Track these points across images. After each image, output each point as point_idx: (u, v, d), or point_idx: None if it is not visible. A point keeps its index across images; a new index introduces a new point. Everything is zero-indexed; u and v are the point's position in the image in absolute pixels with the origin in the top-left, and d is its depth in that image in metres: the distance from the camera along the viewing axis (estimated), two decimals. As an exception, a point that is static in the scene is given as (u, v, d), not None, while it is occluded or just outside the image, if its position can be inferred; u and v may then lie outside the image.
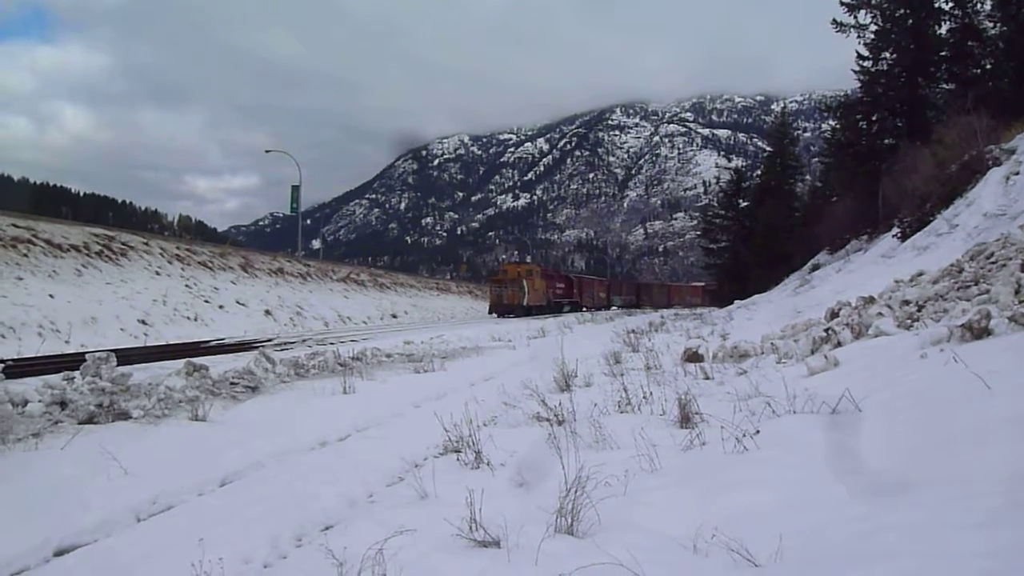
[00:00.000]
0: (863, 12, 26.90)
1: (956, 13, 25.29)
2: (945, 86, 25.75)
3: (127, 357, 9.94)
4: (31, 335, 14.54)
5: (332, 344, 14.84)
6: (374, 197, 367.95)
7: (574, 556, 2.80)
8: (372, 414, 6.95)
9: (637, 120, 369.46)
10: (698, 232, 63.00)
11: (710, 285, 63.09)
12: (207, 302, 22.52)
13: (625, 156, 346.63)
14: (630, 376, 8.02)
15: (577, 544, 3.04)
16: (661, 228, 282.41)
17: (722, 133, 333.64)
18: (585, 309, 46.18)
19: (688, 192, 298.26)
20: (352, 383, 8.41)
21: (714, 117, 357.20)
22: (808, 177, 43.77)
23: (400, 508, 3.93)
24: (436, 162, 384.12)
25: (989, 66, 24.50)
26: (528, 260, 50.01)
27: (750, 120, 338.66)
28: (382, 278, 44.24)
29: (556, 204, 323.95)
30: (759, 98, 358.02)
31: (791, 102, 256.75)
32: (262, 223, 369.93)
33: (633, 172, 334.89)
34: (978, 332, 5.24)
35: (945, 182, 16.51)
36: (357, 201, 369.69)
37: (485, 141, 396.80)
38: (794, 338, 8.81)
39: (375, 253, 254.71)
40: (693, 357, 9.43)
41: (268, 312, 24.39)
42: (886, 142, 26.30)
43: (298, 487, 4.46)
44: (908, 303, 7.64)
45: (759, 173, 49.25)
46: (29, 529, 3.64)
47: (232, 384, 7.95)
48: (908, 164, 19.32)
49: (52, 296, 16.98)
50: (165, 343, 16.19)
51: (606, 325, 22.84)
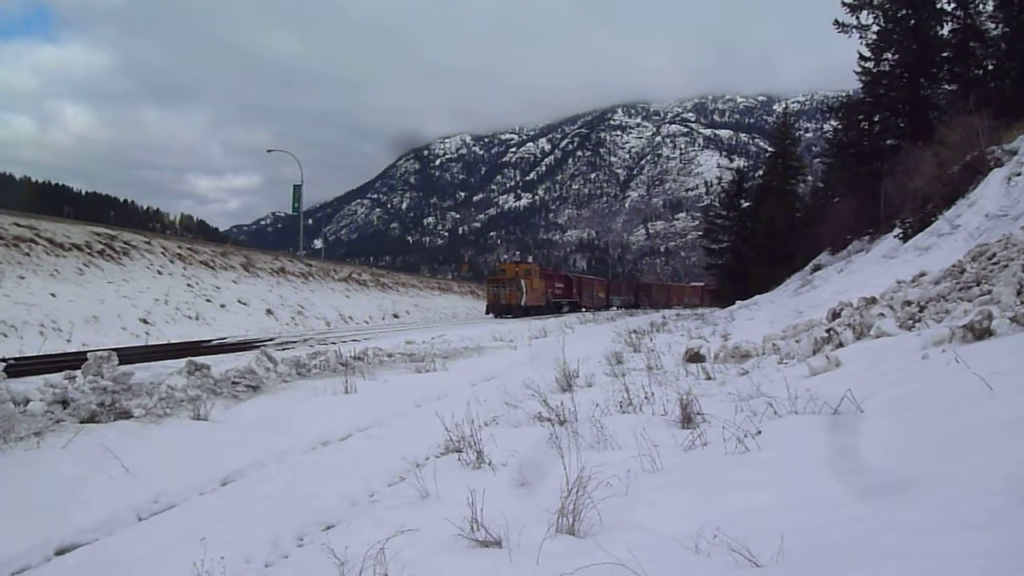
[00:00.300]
0: (865, 12, 26.92)
1: (958, 14, 25.26)
2: (947, 87, 25.74)
3: (129, 356, 9.95)
4: (33, 334, 14.56)
5: (334, 344, 14.86)
6: (376, 197, 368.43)
7: (575, 556, 2.80)
8: (373, 414, 6.95)
9: (639, 120, 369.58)
10: (700, 232, 63.08)
11: (709, 285, 63.07)
12: (209, 301, 22.54)
13: (627, 156, 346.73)
14: (632, 376, 8.02)
15: (578, 544, 3.04)
16: (663, 228, 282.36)
17: (724, 133, 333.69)
18: (584, 309, 45.69)
19: (690, 192, 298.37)
20: (354, 383, 8.40)
21: (716, 117, 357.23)
22: (810, 177, 43.69)
23: (401, 508, 3.93)
24: (438, 162, 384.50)
25: (991, 67, 24.50)
26: (530, 260, 49.68)
27: (752, 120, 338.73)
28: (384, 278, 44.24)
29: (558, 204, 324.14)
30: (761, 98, 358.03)
31: (793, 102, 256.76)
32: (264, 222, 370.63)
33: (635, 172, 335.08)
34: (980, 333, 5.24)
35: (947, 183, 16.50)
36: (359, 201, 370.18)
37: (487, 141, 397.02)
38: (796, 338, 8.81)
39: (377, 253, 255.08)
40: (695, 357, 9.44)
41: (270, 311, 24.40)
42: (888, 142, 26.30)
43: (299, 486, 4.47)
44: (910, 304, 7.64)
45: (761, 173, 49.21)
46: (30, 528, 3.65)
47: (234, 383, 7.95)
48: (910, 165, 19.30)
49: (54, 295, 17.01)
50: (167, 342, 16.21)
51: (607, 325, 22.83)
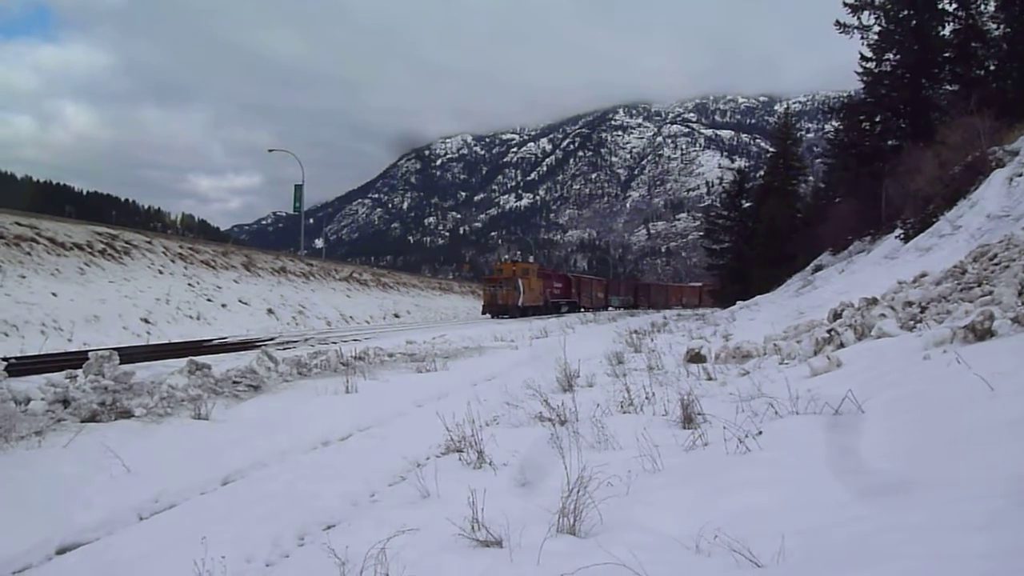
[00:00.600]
0: (866, 13, 26.86)
1: (960, 14, 25.20)
2: (948, 87, 25.68)
3: (130, 356, 9.95)
4: (34, 333, 14.58)
5: (334, 343, 14.87)
6: (377, 196, 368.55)
7: (576, 556, 2.80)
8: (374, 413, 6.96)
9: (640, 120, 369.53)
10: (701, 233, 63.08)
11: (707, 285, 63.11)
12: (210, 301, 22.55)
13: (628, 156, 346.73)
14: (632, 376, 8.02)
15: (579, 544, 3.04)
16: (664, 229, 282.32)
17: (725, 134, 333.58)
18: (583, 309, 45.22)
19: (691, 193, 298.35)
20: (354, 382, 8.41)
21: (717, 118, 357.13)
22: (811, 178, 43.66)
23: (402, 507, 3.93)
24: (439, 162, 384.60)
25: (993, 67, 24.45)
26: (531, 259, 49.43)
27: (753, 121, 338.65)
28: (385, 278, 44.26)
29: (559, 204, 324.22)
30: (762, 99, 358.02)
31: (794, 103, 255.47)
32: (265, 222, 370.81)
33: (636, 172, 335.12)
34: (981, 333, 5.23)
35: (948, 183, 16.47)
36: (360, 200, 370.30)
37: (488, 141, 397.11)
38: (797, 339, 8.81)
39: (378, 252, 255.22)
40: (696, 358, 9.44)
41: (271, 311, 24.41)
42: (889, 143, 26.25)
43: (300, 486, 4.47)
44: (911, 304, 7.63)
45: (762, 174, 49.18)
46: (31, 527, 3.65)
47: (234, 383, 7.96)
48: (911, 165, 19.28)
49: (55, 294, 17.02)
50: (168, 342, 16.21)
51: (608, 325, 22.82)
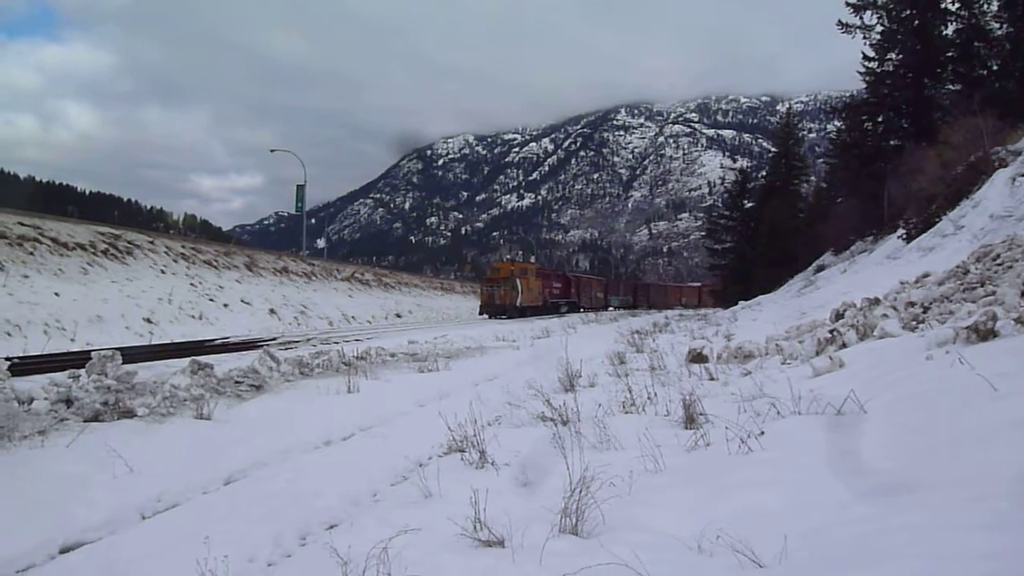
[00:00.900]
0: (869, 13, 26.84)
1: (962, 14, 25.16)
2: (951, 87, 25.63)
3: (132, 355, 9.94)
4: (37, 333, 14.60)
5: (336, 343, 14.86)
6: (379, 196, 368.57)
7: (579, 556, 2.80)
8: (376, 413, 6.96)
9: (642, 120, 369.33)
10: (703, 233, 63.04)
11: (707, 285, 63.10)
12: (212, 301, 22.57)
13: (630, 156, 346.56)
14: (634, 376, 8.01)
15: (582, 544, 3.04)
16: (665, 229, 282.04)
17: (727, 134, 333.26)
18: (582, 310, 44.65)
19: (693, 193, 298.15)
20: (356, 382, 8.40)
21: (719, 118, 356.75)
22: (813, 178, 43.67)
23: (404, 507, 3.94)
24: (441, 162, 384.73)
25: (996, 67, 24.40)
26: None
27: (755, 121, 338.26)
28: (386, 278, 44.28)
29: (560, 204, 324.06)
30: (764, 99, 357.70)
31: (796, 103, 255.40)
32: (267, 222, 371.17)
33: (638, 172, 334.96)
34: (984, 334, 5.22)
35: (951, 183, 16.45)
36: (362, 200, 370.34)
37: (490, 141, 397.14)
38: (799, 339, 8.80)
39: (379, 252, 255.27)
40: (697, 358, 9.42)
41: (273, 311, 24.43)
42: (892, 143, 26.21)
43: (302, 485, 4.47)
44: (913, 304, 7.61)
45: (764, 174, 49.15)
46: (34, 526, 3.66)
47: (237, 383, 7.96)
48: (914, 165, 19.26)
49: (58, 294, 17.05)
50: (170, 342, 16.22)
51: (610, 326, 22.81)
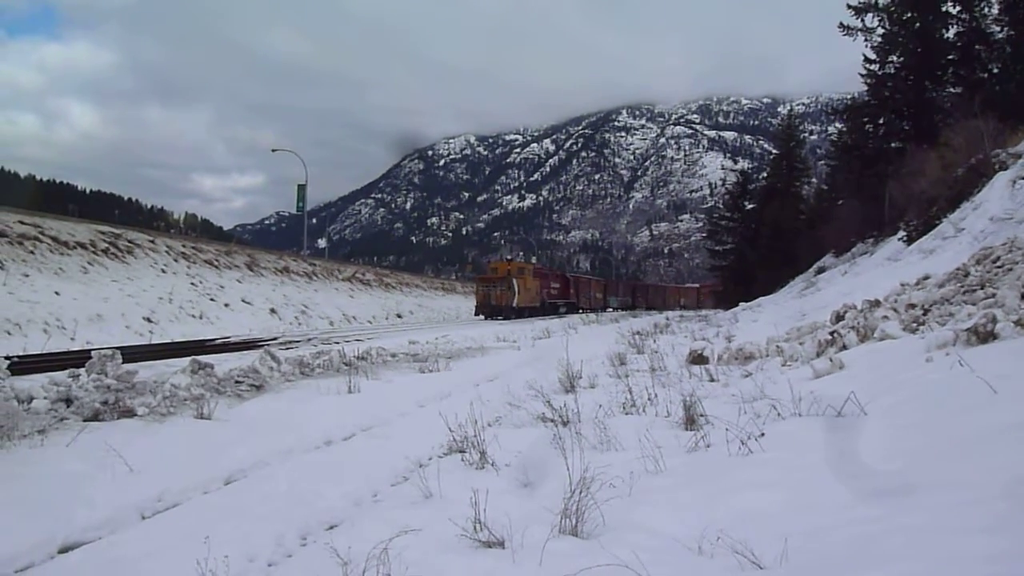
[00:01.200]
0: (870, 15, 26.84)
1: (963, 16, 25.16)
2: (952, 89, 25.63)
3: (132, 355, 9.96)
4: (37, 332, 14.60)
5: (337, 343, 14.87)
6: (380, 197, 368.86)
7: (579, 557, 2.80)
8: (377, 413, 6.96)
9: (643, 121, 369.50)
10: (704, 234, 63.09)
11: (704, 286, 63.18)
12: (212, 300, 22.58)
13: (631, 157, 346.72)
14: (635, 377, 8.01)
15: (582, 545, 3.04)
16: (666, 230, 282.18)
17: (728, 135, 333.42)
18: (581, 310, 44.20)
19: (694, 194, 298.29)
20: (357, 382, 8.41)
21: (720, 119, 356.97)
22: (814, 180, 43.71)
23: (405, 507, 3.94)
24: (442, 162, 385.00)
25: (996, 69, 24.38)
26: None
27: (756, 122, 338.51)
28: (387, 278, 44.30)
29: (562, 205, 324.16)
30: (766, 100, 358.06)
31: (798, 104, 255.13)
32: (268, 222, 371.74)
33: (639, 173, 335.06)
34: (984, 336, 5.22)
35: (951, 185, 16.45)
36: (363, 200, 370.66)
37: (491, 141, 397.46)
38: (799, 340, 8.80)
39: (380, 253, 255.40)
40: (698, 359, 9.43)
41: (273, 311, 24.43)
42: (893, 145, 26.21)
43: (303, 486, 4.47)
44: (914, 306, 7.61)
45: (765, 175, 49.23)
46: (34, 526, 3.66)
47: (237, 382, 7.96)
48: (914, 167, 19.26)
49: (58, 293, 17.06)
50: (170, 341, 16.23)
51: (610, 326, 22.81)
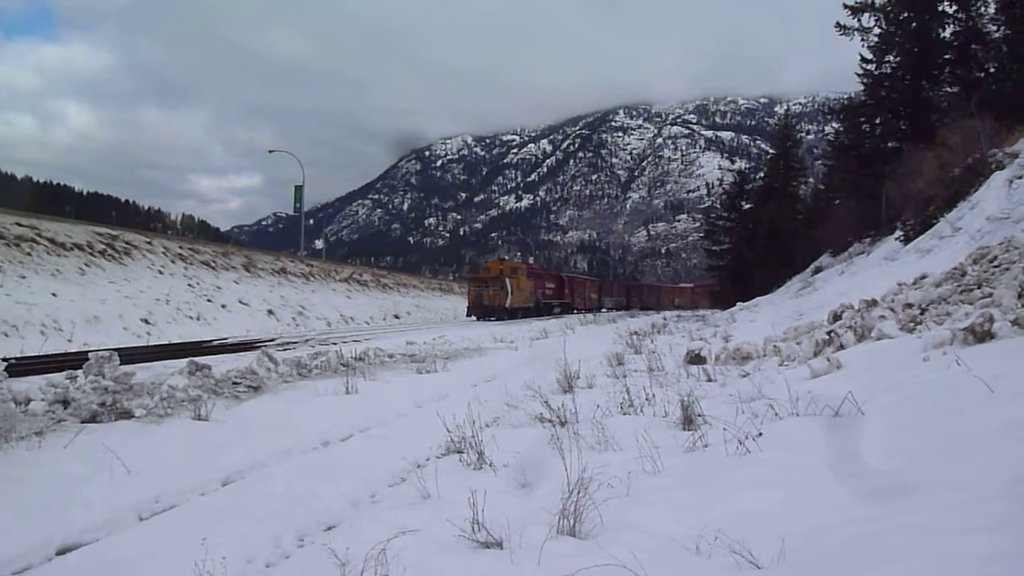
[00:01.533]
0: (866, 15, 26.85)
1: (960, 16, 25.21)
2: (949, 89, 25.65)
3: (130, 356, 9.95)
4: (34, 334, 14.58)
5: (335, 344, 14.85)
6: (377, 197, 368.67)
7: (577, 557, 2.80)
8: (375, 414, 6.95)
9: (640, 122, 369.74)
10: (701, 234, 63.17)
11: (699, 286, 63.20)
12: (210, 301, 22.55)
13: (628, 158, 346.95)
14: (632, 378, 8.01)
15: (580, 545, 3.04)
16: (664, 230, 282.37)
17: (725, 135, 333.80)
18: (577, 311, 43.70)
19: (691, 194, 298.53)
20: (355, 383, 8.40)
21: (717, 119, 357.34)
22: (811, 179, 43.74)
23: (403, 508, 3.93)
24: (439, 163, 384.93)
25: (993, 69, 24.44)
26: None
27: (753, 122, 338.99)
28: (385, 278, 44.27)
29: (559, 205, 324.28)
30: (763, 100, 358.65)
31: (795, 104, 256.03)
32: (265, 223, 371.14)
33: (636, 174, 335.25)
34: (981, 335, 5.23)
35: (948, 185, 16.47)
36: (360, 201, 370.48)
37: (488, 142, 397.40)
38: (797, 340, 8.81)
39: (378, 253, 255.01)
40: (695, 359, 9.43)
41: (271, 312, 24.41)
42: (889, 145, 26.24)
43: (301, 487, 4.46)
44: (911, 306, 7.62)
45: (762, 175, 49.26)
46: (31, 527, 3.65)
47: (235, 384, 7.95)
48: (911, 167, 19.28)
49: (55, 295, 17.03)
50: (168, 342, 16.22)
51: (608, 327, 22.81)
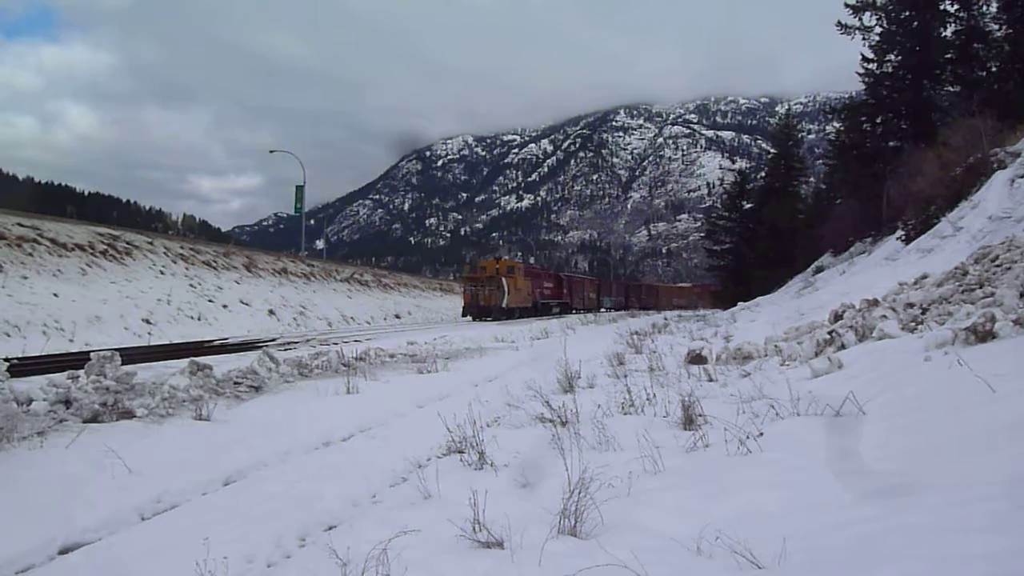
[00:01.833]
0: (868, 14, 26.81)
1: (961, 15, 25.18)
2: (950, 88, 25.66)
3: (131, 356, 9.95)
4: (36, 334, 14.59)
5: (335, 344, 14.85)
6: (378, 197, 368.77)
7: (577, 557, 2.80)
8: (375, 414, 6.95)
9: (641, 121, 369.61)
10: (702, 234, 63.21)
11: (697, 285, 63.09)
12: (211, 302, 22.57)
13: (629, 157, 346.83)
14: (633, 377, 7.99)
15: (581, 545, 3.04)
16: (665, 230, 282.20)
17: (726, 135, 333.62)
18: (575, 311, 43.24)
19: (692, 194, 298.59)
20: (355, 383, 8.40)
21: (718, 119, 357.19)
22: (812, 179, 43.74)
23: (404, 508, 3.93)
24: (440, 163, 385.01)
25: (995, 68, 24.41)
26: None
27: (754, 122, 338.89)
28: (385, 278, 44.25)
29: (560, 205, 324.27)
30: (763, 100, 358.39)
31: (796, 104, 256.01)
32: (266, 223, 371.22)
33: (637, 173, 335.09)
34: (982, 335, 5.23)
35: (950, 185, 16.45)
36: (361, 201, 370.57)
37: (489, 142, 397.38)
38: (798, 340, 8.79)
39: (379, 253, 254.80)
40: (696, 359, 9.41)
41: (272, 312, 24.42)
42: (891, 144, 26.21)
43: (302, 487, 4.47)
44: (912, 306, 7.62)
45: (763, 175, 49.26)
46: (34, 527, 3.66)
47: (236, 384, 7.96)
48: (913, 166, 19.27)
49: (56, 295, 17.04)
50: (169, 342, 16.23)
51: (609, 327, 22.81)
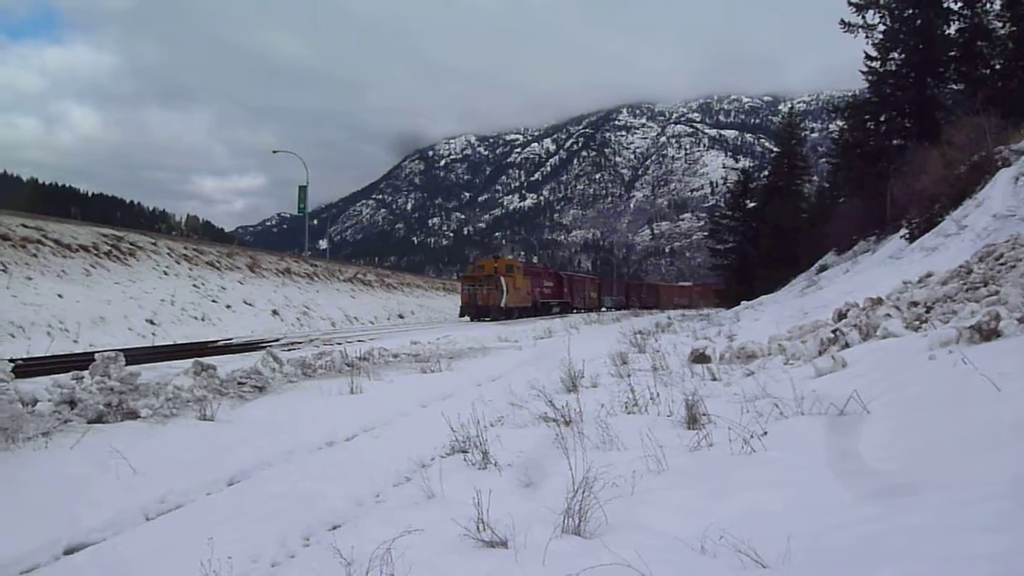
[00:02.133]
0: (871, 12, 26.81)
1: (965, 13, 25.14)
2: (954, 86, 25.62)
3: (135, 357, 9.96)
4: (40, 335, 14.64)
5: (339, 344, 14.87)
6: (381, 197, 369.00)
7: (582, 556, 2.80)
8: (379, 414, 6.96)
9: (644, 120, 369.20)
10: (705, 233, 63.18)
11: (697, 285, 62.97)
12: (214, 302, 22.61)
13: (632, 156, 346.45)
14: (637, 377, 7.99)
15: (584, 544, 3.04)
16: (668, 229, 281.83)
17: (729, 134, 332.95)
18: (576, 310, 42.97)
19: (695, 193, 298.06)
20: (359, 383, 8.41)
21: (721, 117, 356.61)
22: (816, 178, 43.72)
23: (407, 508, 3.94)
24: (443, 162, 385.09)
25: (998, 66, 24.34)
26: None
27: (757, 121, 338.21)
28: (389, 278, 44.27)
29: (562, 204, 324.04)
30: (766, 98, 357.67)
31: (799, 102, 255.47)
32: (269, 223, 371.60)
33: (640, 173, 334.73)
34: (987, 334, 5.21)
35: (954, 183, 16.42)
36: (364, 201, 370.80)
37: (492, 141, 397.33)
38: (801, 339, 8.78)
39: (382, 253, 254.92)
40: (700, 358, 9.41)
41: (275, 312, 24.46)
42: (894, 143, 26.19)
43: (306, 486, 4.48)
44: (916, 304, 7.60)
45: (766, 174, 49.23)
46: (39, 527, 3.67)
47: (240, 384, 7.97)
48: (916, 165, 19.22)
49: (61, 296, 17.09)
50: (173, 343, 16.26)
51: (612, 326, 22.80)
